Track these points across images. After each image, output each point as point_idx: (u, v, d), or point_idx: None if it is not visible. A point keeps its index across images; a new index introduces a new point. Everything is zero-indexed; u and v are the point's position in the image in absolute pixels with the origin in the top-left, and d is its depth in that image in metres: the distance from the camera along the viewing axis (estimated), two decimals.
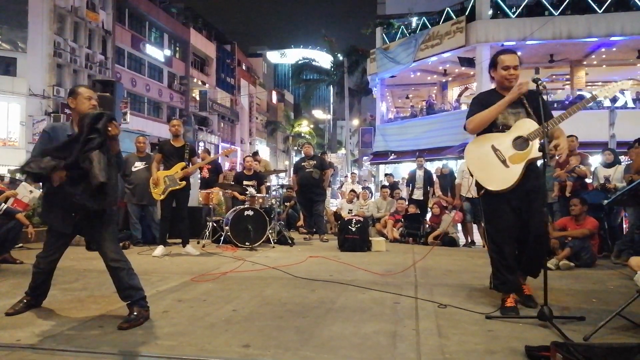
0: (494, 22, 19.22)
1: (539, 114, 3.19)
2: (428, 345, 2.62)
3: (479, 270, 4.99)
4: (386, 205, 9.64)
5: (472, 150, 3.48)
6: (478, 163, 3.41)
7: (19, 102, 23.10)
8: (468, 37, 19.24)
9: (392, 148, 22.70)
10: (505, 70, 3.35)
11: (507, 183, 3.25)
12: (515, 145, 3.27)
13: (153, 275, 4.51)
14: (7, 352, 2.44)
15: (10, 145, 22.57)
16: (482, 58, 18.93)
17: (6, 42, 22.98)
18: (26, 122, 22.98)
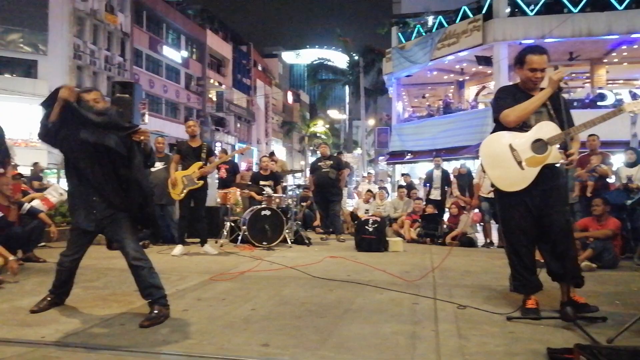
0: (511, 20, 18.98)
1: (560, 116, 3.13)
2: (448, 347, 2.60)
3: (499, 271, 4.93)
4: (403, 205, 9.60)
5: (488, 147, 3.40)
6: (492, 161, 3.35)
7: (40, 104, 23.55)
8: (485, 35, 19.04)
9: (409, 148, 22.58)
10: (531, 72, 3.21)
11: (519, 185, 3.18)
12: (534, 147, 3.18)
13: (172, 274, 4.56)
14: (33, 349, 2.49)
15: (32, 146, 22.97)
16: (500, 56, 18.73)
17: (27, 44, 23.43)
18: None
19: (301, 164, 45.98)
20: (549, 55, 3.25)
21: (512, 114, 3.20)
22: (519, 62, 3.30)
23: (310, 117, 52.52)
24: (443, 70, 23.18)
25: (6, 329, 2.81)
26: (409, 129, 23.73)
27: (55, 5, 23.82)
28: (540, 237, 3.27)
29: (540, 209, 3.20)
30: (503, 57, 18.71)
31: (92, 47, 26.18)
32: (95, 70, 26.36)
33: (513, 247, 3.30)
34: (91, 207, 3.11)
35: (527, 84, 3.29)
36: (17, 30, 22.79)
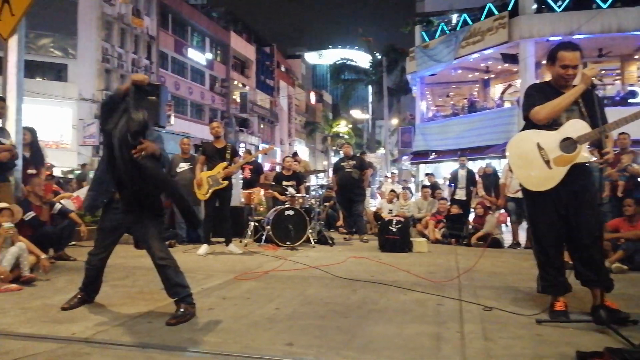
0: (538, 16, 18.59)
1: (593, 113, 3.05)
2: (473, 349, 2.57)
3: (525, 273, 4.85)
4: (427, 205, 9.51)
5: (515, 146, 3.34)
6: (520, 160, 3.28)
7: (70, 106, 24.16)
8: (511, 32, 18.70)
9: (433, 147, 22.36)
10: (563, 69, 3.12)
11: (547, 185, 3.11)
12: (562, 146, 3.10)
13: (198, 273, 4.62)
14: (64, 345, 2.56)
15: (63, 147, 23.62)
16: (526, 54, 18.37)
17: (58, 49, 24.07)
18: (77, 125, 24.01)
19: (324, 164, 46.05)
20: (582, 52, 3.16)
21: (542, 111, 3.12)
22: (551, 59, 3.23)
23: (333, 117, 52.53)
24: (468, 69, 22.87)
25: (38, 325, 2.89)
26: (433, 128, 23.51)
27: (84, 10, 24.43)
28: (568, 238, 3.19)
29: (569, 209, 3.13)
30: (530, 55, 18.35)
31: (119, 50, 26.76)
32: (122, 73, 26.92)
33: (541, 247, 3.24)
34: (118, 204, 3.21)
35: (558, 81, 3.20)
36: (48, 35, 23.44)
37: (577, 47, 3.15)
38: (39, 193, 5.32)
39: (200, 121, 33.45)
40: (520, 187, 3.35)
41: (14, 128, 5.22)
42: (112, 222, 3.26)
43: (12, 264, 3.95)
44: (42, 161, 5.99)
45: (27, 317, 3.05)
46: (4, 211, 4.14)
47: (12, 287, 3.79)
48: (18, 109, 5.33)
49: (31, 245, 4.27)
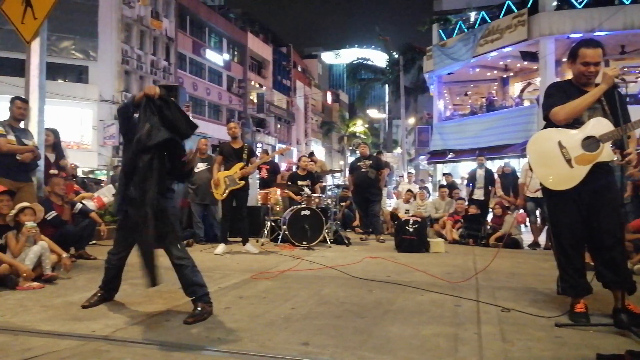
0: (558, 13, 18.31)
1: (616, 112, 2.99)
2: (491, 350, 2.54)
3: (545, 274, 4.77)
4: (445, 205, 9.44)
5: (535, 144, 3.29)
6: (540, 159, 3.23)
7: (91, 107, 24.60)
8: (531, 30, 18.45)
9: (451, 147, 22.19)
10: (584, 66, 3.07)
11: (568, 184, 3.05)
12: (584, 145, 3.04)
13: (215, 272, 4.66)
14: (84, 342, 2.60)
15: (84, 148, 24.06)
16: (546, 51, 18.10)
17: (79, 51, 24.52)
18: (97, 126, 24.43)
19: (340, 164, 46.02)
20: (604, 49, 3.10)
21: (562, 111, 3.07)
22: (572, 56, 3.18)
23: (349, 116, 52.44)
24: (486, 67, 22.63)
25: (59, 322, 2.95)
26: (450, 127, 23.32)
27: (104, 13, 24.84)
28: (589, 239, 3.13)
29: (590, 209, 3.07)
30: (550, 52, 18.07)
31: (138, 52, 27.14)
32: (141, 75, 27.31)
33: (561, 248, 3.18)
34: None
35: (580, 78, 3.15)
36: (69, 38, 23.90)
37: (598, 44, 3.10)
38: (59, 192, 5.42)
39: (218, 121, 33.73)
40: (541, 187, 3.29)
41: (36, 129, 5.33)
42: (130, 221, 3.31)
43: (34, 262, 4.03)
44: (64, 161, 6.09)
45: (48, 315, 3.11)
46: (26, 210, 4.23)
47: (35, 285, 3.87)
48: (40, 110, 5.43)
49: (53, 244, 4.35)
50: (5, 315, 3.10)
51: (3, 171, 4.70)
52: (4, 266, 3.85)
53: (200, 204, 7.34)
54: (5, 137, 4.70)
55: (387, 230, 9.45)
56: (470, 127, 21.72)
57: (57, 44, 23.28)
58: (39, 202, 4.97)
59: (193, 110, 28.84)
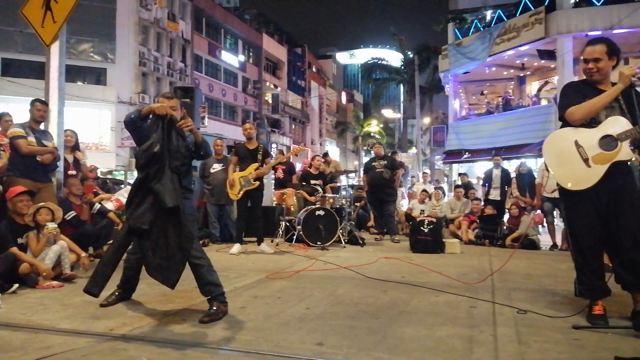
0: (576, 11, 18.01)
1: (634, 111, 2.94)
2: (507, 352, 2.52)
3: (563, 275, 4.71)
4: (460, 205, 9.36)
5: (551, 144, 3.25)
6: (557, 159, 3.19)
7: (109, 109, 24.95)
8: (548, 28, 18.18)
9: (466, 146, 21.98)
10: (584, 63, 3.12)
11: (586, 183, 3.01)
12: (601, 144, 3.00)
13: (230, 272, 4.70)
14: (101, 341, 2.65)
15: (102, 149, 24.41)
16: (564, 50, 17.83)
17: (97, 54, 24.88)
18: (115, 127, 24.76)
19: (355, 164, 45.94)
20: (609, 46, 3.07)
21: (577, 111, 3.05)
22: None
23: (364, 116, 52.33)
24: (502, 66, 22.38)
25: (78, 321, 3.01)
26: (466, 127, 23.11)
27: (122, 15, 25.17)
28: (607, 240, 3.08)
29: (609, 210, 3.02)
30: (567, 51, 17.80)
31: (155, 54, 27.45)
32: (158, 76, 27.61)
33: (579, 249, 3.14)
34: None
35: (585, 76, 3.18)
36: (88, 41, 24.26)
37: (600, 41, 3.11)
38: (76, 192, 5.52)
39: (234, 122, 33.94)
40: (557, 187, 3.25)
41: (55, 131, 5.42)
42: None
43: (54, 261, 4.11)
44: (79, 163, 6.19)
45: (67, 313, 3.17)
46: (42, 209, 4.30)
47: (54, 284, 3.95)
48: (60, 112, 5.53)
49: (72, 243, 4.43)
50: (26, 313, 3.17)
51: (24, 172, 4.79)
52: (25, 265, 3.94)
53: (216, 204, 7.40)
54: (26, 139, 4.80)
55: (402, 230, 9.41)
56: (486, 126, 21.49)
57: (76, 46, 23.66)
58: (59, 202, 5.06)
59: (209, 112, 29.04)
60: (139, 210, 2.98)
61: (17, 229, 4.21)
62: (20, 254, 4.01)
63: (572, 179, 3.09)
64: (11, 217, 4.32)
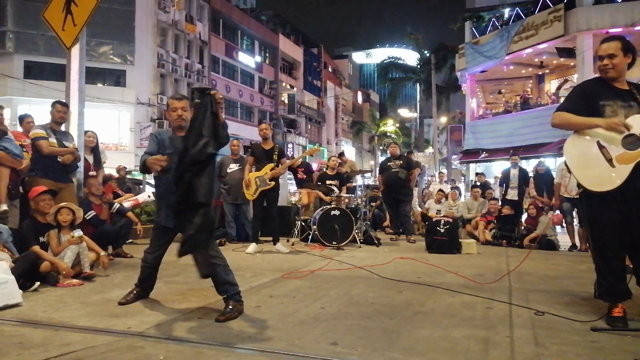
0: (596, 8, 17.70)
1: None
2: (523, 354, 2.49)
3: (581, 276, 4.64)
4: (477, 205, 9.28)
5: (573, 145, 3.20)
6: (579, 160, 3.14)
7: (128, 110, 25.33)
8: (567, 25, 17.90)
9: (484, 146, 21.75)
10: (600, 60, 3.11)
11: (611, 184, 2.96)
12: (625, 143, 2.95)
13: (246, 271, 4.74)
14: (120, 339, 2.69)
15: (121, 149, 24.79)
16: (584, 47, 17.53)
17: (116, 56, 25.28)
18: (134, 128, 25.13)
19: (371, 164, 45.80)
20: (624, 43, 3.07)
21: (557, 118, 3.19)
22: None
23: (380, 116, 52.12)
24: (521, 64, 22.09)
25: (97, 319, 3.06)
26: (484, 126, 22.87)
27: (140, 18, 25.54)
28: (630, 242, 3.02)
29: (632, 210, 2.96)
30: (587, 48, 17.50)
31: (173, 55, 27.77)
32: (176, 78, 27.94)
33: (600, 251, 3.09)
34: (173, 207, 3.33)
35: (601, 73, 3.18)
36: (108, 43, 24.67)
37: (613, 38, 3.12)
38: (96, 193, 5.62)
39: (250, 123, 34.16)
40: (580, 189, 3.21)
41: (76, 132, 5.53)
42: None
43: (72, 260, 4.19)
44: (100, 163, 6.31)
45: (87, 311, 3.23)
46: (63, 209, 4.39)
47: (74, 282, 4.03)
48: (80, 113, 5.64)
49: (92, 242, 4.51)
50: (47, 310, 3.24)
51: (45, 172, 4.89)
52: (46, 264, 4.03)
53: (232, 204, 7.46)
54: (47, 140, 4.89)
55: (418, 230, 9.36)
56: (504, 125, 21.25)
57: (96, 49, 24.07)
58: (79, 202, 5.16)
59: (226, 112, 29.32)
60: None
61: (39, 227, 4.31)
62: (41, 253, 4.10)
63: (596, 180, 3.05)
64: (33, 216, 4.42)
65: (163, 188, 3.41)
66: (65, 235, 4.32)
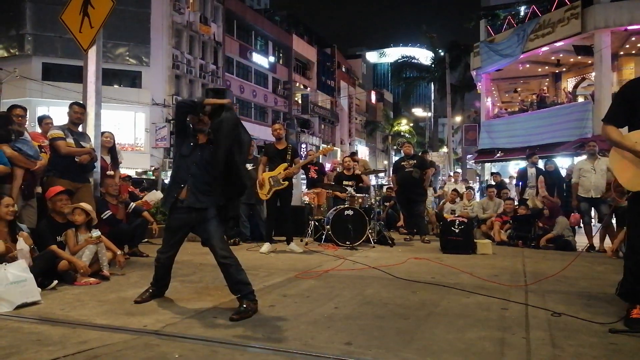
0: (614, 4, 17.35)
1: None
2: (540, 356, 2.46)
3: (599, 277, 4.57)
4: (493, 205, 9.18)
5: (616, 149, 3.20)
6: (623, 163, 3.12)
7: (143, 111, 25.59)
8: (585, 23, 17.59)
9: (499, 145, 21.50)
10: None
11: None
12: None
13: (260, 271, 4.75)
14: (136, 337, 2.73)
15: (137, 150, 25.07)
16: (602, 45, 17.21)
17: (132, 57, 25.56)
18: (150, 129, 25.38)
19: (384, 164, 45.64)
20: None
21: (602, 132, 3.15)
22: None
23: (393, 116, 51.92)
24: (537, 63, 21.78)
25: (114, 317, 3.10)
26: (499, 125, 22.61)
27: (156, 20, 25.79)
28: None
29: None
30: (605, 46, 17.17)
31: (188, 56, 28.00)
32: (191, 79, 28.16)
33: (635, 252, 3.05)
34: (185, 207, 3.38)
35: None
36: (124, 45, 24.95)
37: None
38: (113, 193, 5.69)
39: (264, 123, 34.28)
40: (627, 192, 3.18)
41: (93, 133, 5.60)
42: (177, 221, 3.44)
43: (90, 259, 4.25)
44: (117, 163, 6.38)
45: (103, 309, 3.28)
46: (76, 210, 4.44)
47: (91, 281, 4.08)
48: (97, 115, 5.71)
49: (108, 241, 4.56)
50: (64, 308, 3.29)
51: (63, 172, 4.96)
52: (64, 262, 4.09)
53: (246, 204, 7.48)
54: (65, 140, 4.96)
55: (433, 231, 9.30)
56: (520, 124, 20.97)
57: (112, 50, 24.36)
58: (96, 201, 5.23)
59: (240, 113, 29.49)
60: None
61: (56, 227, 4.37)
62: (59, 252, 4.16)
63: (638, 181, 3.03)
64: (51, 215, 4.48)
65: (183, 171, 3.43)
66: (82, 234, 4.38)
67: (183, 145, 3.45)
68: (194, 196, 3.34)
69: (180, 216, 3.39)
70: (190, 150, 3.40)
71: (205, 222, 3.34)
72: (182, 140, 3.48)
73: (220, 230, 3.37)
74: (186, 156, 3.40)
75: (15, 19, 24.30)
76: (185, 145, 3.43)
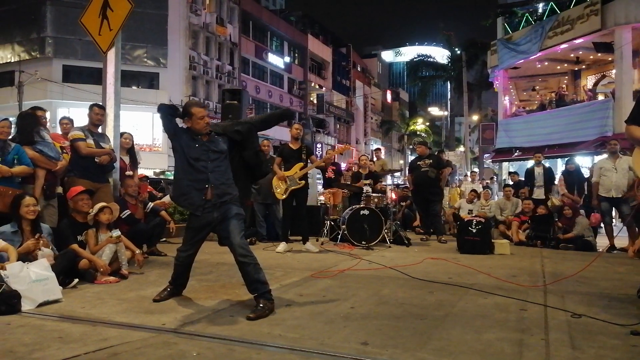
0: (636, 0, 17.01)
1: None
2: (559, 357, 2.43)
3: (620, 278, 4.49)
4: (510, 205, 9.07)
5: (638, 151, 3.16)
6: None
7: None
8: (605, 19, 17.27)
9: (517, 144, 21.23)
10: None
11: None
12: None
13: (277, 270, 4.77)
14: (154, 335, 2.76)
15: (155, 150, 25.36)
16: (622, 42, 16.87)
17: (150, 59, 25.88)
18: None
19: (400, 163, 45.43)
20: None
21: (626, 132, 3.12)
22: None
23: (409, 115, 51.64)
24: (555, 60, 21.44)
25: (133, 315, 3.15)
26: (517, 124, 22.32)
27: (173, 21, 26.07)
28: None
29: None
30: (626, 42, 16.84)
31: (205, 58, 28.25)
32: (207, 80, 28.41)
33: None
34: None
35: None
36: (142, 47, 25.29)
37: None
38: (132, 193, 5.77)
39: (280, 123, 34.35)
40: None
41: (112, 133, 5.69)
42: (199, 221, 3.47)
43: (110, 258, 4.32)
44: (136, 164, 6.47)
45: (123, 308, 3.33)
46: (105, 209, 4.52)
47: (111, 280, 4.15)
48: (116, 116, 5.80)
49: (127, 241, 4.63)
50: (85, 306, 3.35)
51: (83, 173, 5.05)
52: (84, 261, 4.16)
53: (262, 204, 7.53)
54: (85, 141, 5.05)
55: (449, 231, 9.23)
56: (538, 123, 20.67)
57: (130, 52, 24.69)
58: (115, 201, 5.30)
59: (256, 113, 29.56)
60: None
61: (77, 226, 4.45)
62: (79, 251, 4.24)
63: None
64: (71, 215, 4.57)
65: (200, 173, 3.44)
66: (103, 234, 4.45)
67: (187, 148, 3.41)
68: (219, 191, 3.39)
69: (205, 215, 3.42)
70: (200, 152, 3.42)
71: (226, 221, 3.37)
72: (179, 145, 3.44)
73: (240, 228, 3.39)
74: (198, 158, 3.41)
75: (36, 22, 24.80)
76: (192, 149, 3.41)
